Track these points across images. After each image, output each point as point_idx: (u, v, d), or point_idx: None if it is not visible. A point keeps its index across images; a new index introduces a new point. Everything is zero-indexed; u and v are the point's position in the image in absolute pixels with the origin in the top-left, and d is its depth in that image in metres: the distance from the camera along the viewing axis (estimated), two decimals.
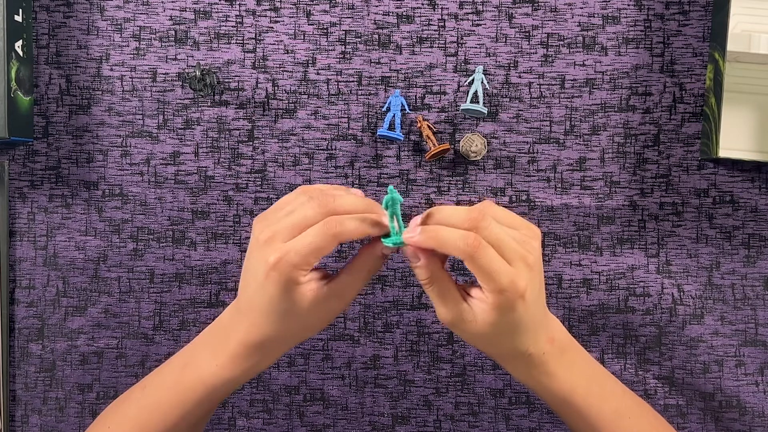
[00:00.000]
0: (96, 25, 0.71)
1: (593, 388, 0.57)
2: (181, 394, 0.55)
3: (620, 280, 0.70)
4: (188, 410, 0.55)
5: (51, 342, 0.72)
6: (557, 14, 0.70)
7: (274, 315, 0.51)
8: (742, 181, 0.70)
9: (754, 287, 0.70)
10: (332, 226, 0.49)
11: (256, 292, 0.51)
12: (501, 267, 0.49)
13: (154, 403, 0.56)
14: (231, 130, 0.71)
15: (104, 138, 0.71)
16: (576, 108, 0.70)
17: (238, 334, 0.53)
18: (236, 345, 0.53)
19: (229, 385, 0.54)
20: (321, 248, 0.49)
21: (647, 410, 0.61)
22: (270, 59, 0.71)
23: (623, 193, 0.70)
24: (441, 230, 0.49)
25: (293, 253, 0.49)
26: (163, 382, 0.57)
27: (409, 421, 0.72)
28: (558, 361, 0.55)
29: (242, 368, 0.53)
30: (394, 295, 0.71)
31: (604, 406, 0.57)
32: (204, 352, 0.55)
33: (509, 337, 0.52)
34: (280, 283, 0.49)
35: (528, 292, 0.49)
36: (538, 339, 0.53)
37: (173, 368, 0.57)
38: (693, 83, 0.70)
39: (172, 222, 0.72)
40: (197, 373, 0.54)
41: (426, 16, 0.70)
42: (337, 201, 0.50)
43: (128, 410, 0.57)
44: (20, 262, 0.72)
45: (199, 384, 0.54)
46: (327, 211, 0.50)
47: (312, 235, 0.49)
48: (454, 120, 0.70)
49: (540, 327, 0.53)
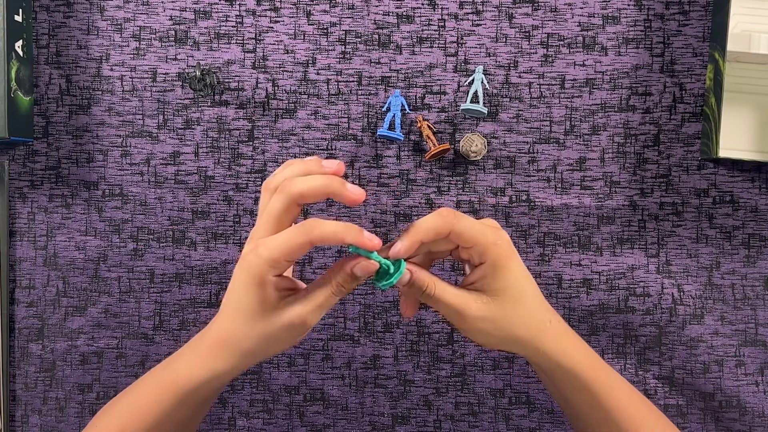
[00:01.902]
0: (96, 25, 0.71)
1: (602, 367, 0.57)
2: (158, 395, 0.55)
3: (620, 280, 0.70)
4: (166, 411, 0.55)
5: (51, 342, 0.72)
6: (557, 14, 0.70)
7: (242, 311, 0.51)
8: (742, 181, 0.70)
9: (754, 287, 0.70)
10: (307, 230, 0.49)
11: (231, 286, 0.52)
12: (483, 228, 0.51)
13: (135, 403, 0.56)
14: (231, 130, 0.71)
15: (104, 138, 0.71)
16: (576, 108, 0.70)
17: (211, 331, 0.53)
18: (208, 342, 0.53)
19: (202, 387, 0.54)
20: (292, 247, 0.49)
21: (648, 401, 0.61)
22: (270, 59, 0.71)
23: (623, 193, 0.70)
24: (417, 224, 0.51)
25: (262, 247, 0.49)
26: (146, 384, 0.57)
27: (409, 421, 0.72)
28: (570, 336, 0.57)
29: (211, 369, 0.53)
30: (394, 295, 0.71)
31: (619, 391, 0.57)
32: (182, 354, 0.55)
33: (523, 302, 0.53)
34: (248, 275, 0.50)
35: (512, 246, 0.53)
36: (545, 308, 0.55)
37: (156, 370, 0.57)
38: (693, 83, 0.70)
39: (172, 222, 0.72)
40: (174, 373, 0.54)
41: (426, 16, 0.70)
42: (294, 187, 0.51)
43: (114, 411, 0.58)
44: (20, 262, 0.72)
45: (174, 385, 0.54)
46: (290, 198, 0.50)
47: (285, 234, 0.50)
48: (454, 120, 0.70)
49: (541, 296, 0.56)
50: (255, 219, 0.71)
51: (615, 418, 0.56)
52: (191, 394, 0.54)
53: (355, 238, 0.50)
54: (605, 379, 0.57)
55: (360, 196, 0.52)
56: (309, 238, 0.49)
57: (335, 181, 0.51)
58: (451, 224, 0.51)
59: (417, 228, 0.51)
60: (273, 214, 0.51)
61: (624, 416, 0.57)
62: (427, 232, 0.51)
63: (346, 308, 0.72)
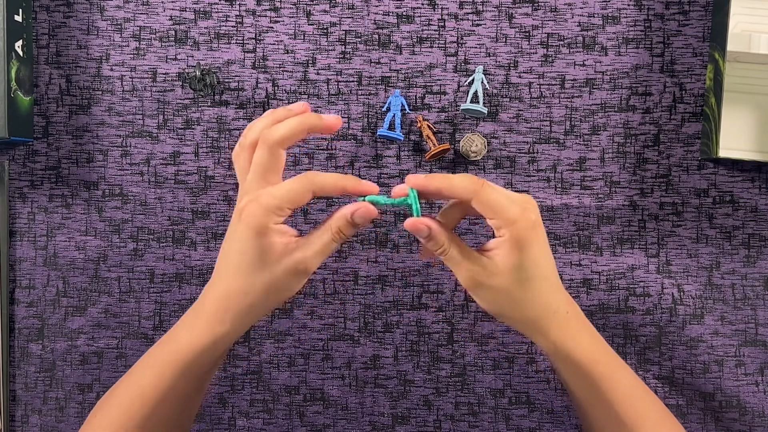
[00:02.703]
0: (96, 25, 0.71)
1: (612, 361, 0.57)
2: (160, 372, 0.55)
3: (620, 280, 0.70)
4: (168, 388, 0.54)
5: (51, 342, 0.72)
6: (557, 14, 0.70)
7: (244, 265, 0.51)
8: (742, 181, 0.70)
9: (754, 287, 0.70)
10: (310, 179, 0.51)
11: (229, 242, 0.52)
12: (509, 202, 0.51)
13: (135, 385, 0.56)
14: (231, 130, 0.71)
15: (104, 138, 0.71)
16: (576, 108, 0.70)
17: (211, 293, 0.54)
18: (209, 305, 0.53)
19: (206, 353, 0.54)
20: (295, 194, 0.50)
21: (658, 400, 0.60)
22: (270, 59, 0.71)
23: (623, 193, 0.70)
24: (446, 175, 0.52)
25: (265, 196, 0.50)
26: (144, 364, 0.57)
27: (409, 421, 0.72)
28: (581, 326, 0.56)
29: (217, 332, 0.53)
30: (394, 295, 0.71)
31: (624, 381, 0.57)
32: (182, 325, 0.55)
33: (534, 285, 0.52)
34: (250, 225, 0.50)
35: (539, 228, 0.51)
36: (559, 297, 0.54)
37: (153, 349, 0.57)
38: (693, 83, 0.70)
39: (172, 222, 0.72)
40: (175, 345, 0.54)
41: (426, 16, 0.70)
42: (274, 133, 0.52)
43: (114, 398, 0.57)
44: (20, 262, 0.72)
45: (177, 357, 0.54)
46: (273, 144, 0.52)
47: (287, 183, 0.51)
48: (454, 120, 0.70)
49: (559, 284, 0.55)
50: None
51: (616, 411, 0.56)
52: (193, 363, 0.54)
53: (355, 186, 0.52)
54: (609, 372, 0.56)
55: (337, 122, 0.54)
56: (311, 186, 0.51)
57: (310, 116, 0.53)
58: (475, 192, 0.51)
59: (443, 178, 0.51)
60: (261, 165, 0.52)
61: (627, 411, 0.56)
62: (450, 188, 0.51)
63: (346, 308, 0.72)
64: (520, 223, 0.51)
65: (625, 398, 0.56)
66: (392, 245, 0.71)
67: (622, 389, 0.56)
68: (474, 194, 0.51)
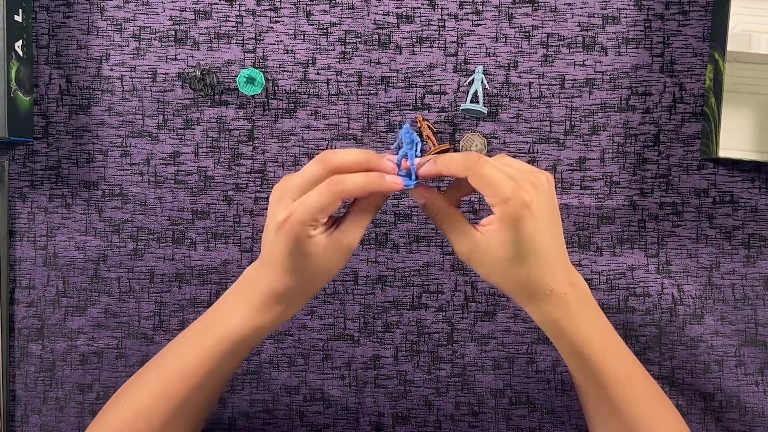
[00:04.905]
0: (96, 25, 0.71)
1: (610, 345, 0.57)
2: (205, 353, 0.56)
3: (620, 280, 0.70)
4: (212, 369, 0.56)
5: (51, 342, 0.72)
6: (557, 14, 0.70)
7: (292, 268, 0.54)
8: (742, 181, 0.70)
9: (754, 287, 0.70)
10: (335, 184, 0.52)
11: (272, 249, 0.54)
12: (504, 179, 0.52)
13: (176, 367, 0.57)
14: (231, 130, 0.71)
15: (104, 138, 0.71)
16: (576, 108, 0.70)
17: (264, 284, 0.55)
18: (262, 294, 0.55)
19: (254, 335, 0.56)
20: (326, 205, 0.52)
21: (657, 388, 0.61)
22: (270, 59, 0.71)
23: (623, 193, 0.70)
24: (443, 157, 0.55)
25: (301, 211, 0.52)
26: (186, 346, 0.58)
27: (409, 421, 0.72)
28: (580, 308, 0.56)
29: (268, 317, 0.56)
30: (394, 295, 0.71)
31: (618, 366, 0.57)
32: (229, 306, 0.57)
33: (524, 262, 0.53)
34: (290, 239, 0.52)
35: (535, 206, 0.52)
36: (556, 274, 0.55)
37: (195, 332, 0.59)
38: (693, 83, 0.70)
39: (172, 222, 0.72)
40: (223, 327, 0.56)
41: (426, 16, 0.70)
42: (337, 156, 0.53)
43: (145, 381, 0.59)
44: (20, 262, 0.72)
45: (225, 338, 0.56)
46: (329, 167, 0.53)
47: (317, 193, 0.52)
48: (454, 120, 0.70)
49: (558, 262, 0.55)
50: (255, 219, 0.71)
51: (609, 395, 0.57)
52: (240, 345, 0.56)
53: (381, 187, 0.54)
54: (604, 355, 0.56)
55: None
56: (340, 196, 0.52)
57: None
58: (470, 170, 0.52)
59: (441, 160, 0.54)
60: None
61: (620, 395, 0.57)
62: (447, 167, 0.54)
63: (346, 308, 0.72)
64: (512, 202, 0.52)
65: (618, 382, 0.57)
66: (392, 245, 0.71)
67: (615, 373, 0.57)
68: (469, 171, 0.52)
